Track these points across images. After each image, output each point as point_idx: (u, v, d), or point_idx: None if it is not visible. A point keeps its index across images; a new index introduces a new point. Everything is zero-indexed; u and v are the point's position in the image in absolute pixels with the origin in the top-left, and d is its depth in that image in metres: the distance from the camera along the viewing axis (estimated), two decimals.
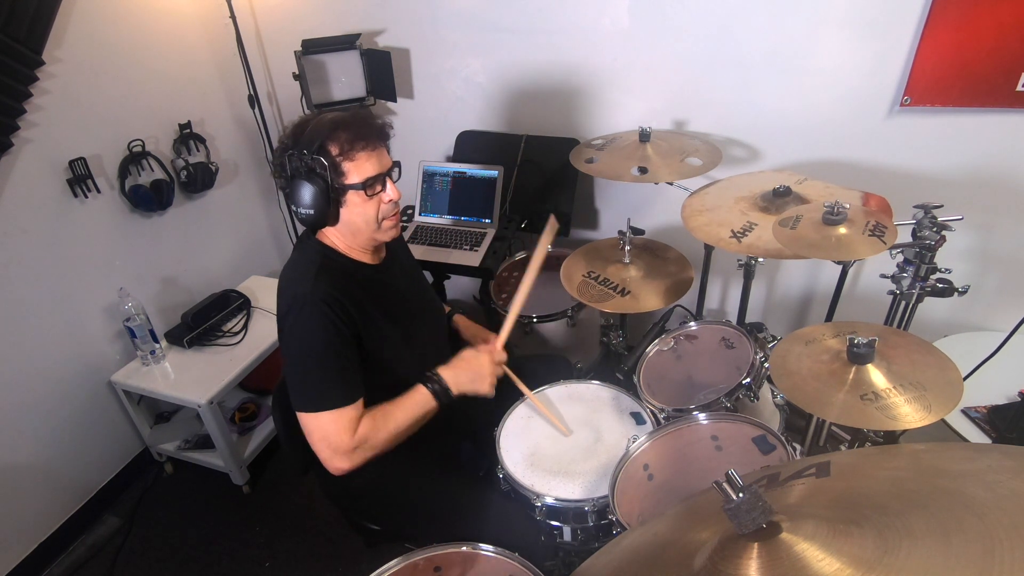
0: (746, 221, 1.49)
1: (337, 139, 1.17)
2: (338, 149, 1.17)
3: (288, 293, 1.22)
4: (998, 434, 1.47)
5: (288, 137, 1.21)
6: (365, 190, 1.20)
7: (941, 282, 1.36)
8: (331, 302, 1.17)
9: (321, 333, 1.17)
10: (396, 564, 1.05)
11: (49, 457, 1.96)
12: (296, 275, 1.24)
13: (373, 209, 1.23)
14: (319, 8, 2.25)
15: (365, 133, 1.19)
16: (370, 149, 1.20)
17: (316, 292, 1.17)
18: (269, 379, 2.29)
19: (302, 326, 1.18)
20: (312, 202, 1.18)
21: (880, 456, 0.80)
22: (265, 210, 2.73)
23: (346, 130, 1.18)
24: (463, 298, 2.71)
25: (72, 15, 1.81)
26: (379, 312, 1.28)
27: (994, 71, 1.57)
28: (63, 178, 1.87)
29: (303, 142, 1.17)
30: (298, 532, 2.04)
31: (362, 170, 1.19)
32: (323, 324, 1.17)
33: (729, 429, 1.27)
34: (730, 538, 0.67)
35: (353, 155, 1.18)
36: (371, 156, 1.20)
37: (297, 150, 1.18)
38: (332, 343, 1.18)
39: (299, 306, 1.18)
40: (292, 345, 1.21)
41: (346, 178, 1.19)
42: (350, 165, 1.18)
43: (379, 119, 1.25)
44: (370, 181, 1.20)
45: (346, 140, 1.17)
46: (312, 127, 1.18)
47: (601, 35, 1.94)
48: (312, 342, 1.18)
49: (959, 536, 0.55)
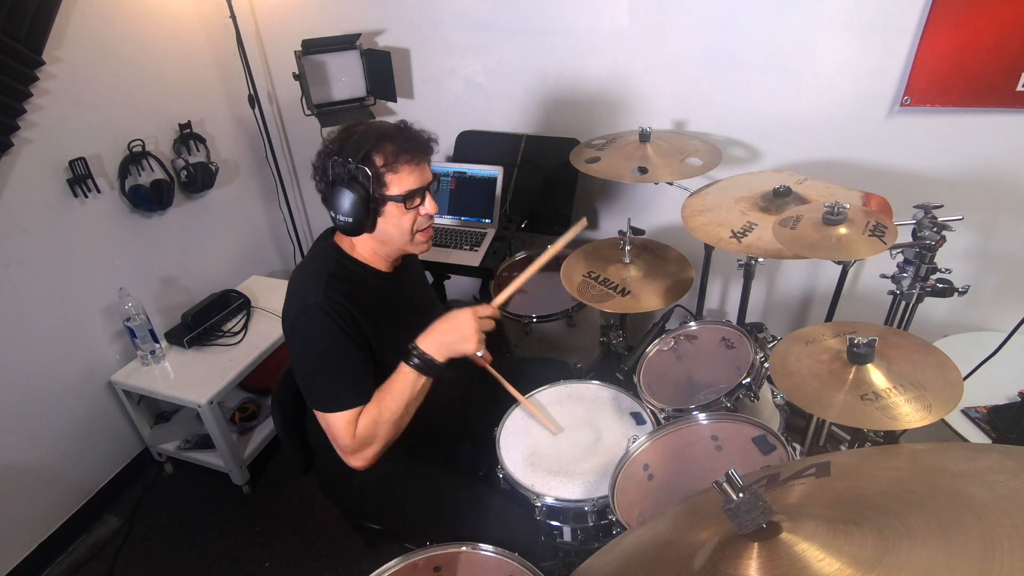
0: (746, 221, 1.49)
1: (383, 150, 1.18)
2: (383, 160, 1.18)
3: (297, 301, 1.24)
4: (998, 434, 1.47)
5: (334, 142, 1.21)
6: (405, 203, 1.21)
7: (941, 282, 1.36)
8: (340, 311, 1.19)
9: (328, 337, 1.19)
10: (396, 564, 1.05)
11: (49, 457, 1.96)
12: (307, 281, 1.25)
13: (409, 221, 1.24)
14: (319, 8, 2.25)
15: (411, 147, 1.20)
16: (414, 164, 1.21)
17: (326, 302, 1.19)
18: (269, 379, 2.29)
19: (311, 332, 1.20)
20: (351, 210, 1.18)
21: (880, 456, 0.81)
22: (265, 210, 2.73)
23: (392, 142, 1.19)
24: (463, 298, 2.71)
25: (72, 15, 1.81)
26: (388, 319, 1.29)
27: (994, 71, 1.57)
28: (63, 178, 1.87)
29: (348, 149, 1.18)
30: (298, 532, 2.03)
31: (404, 183, 1.20)
32: (331, 328, 1.19)
33: (729, 429, 1.27)
34: (730, 538, 0.67)
35: (397, 167, 1.19)
36: (414, 170, 1.21)
37: (342, 156, 1.18)
38: (338, 346, 1.20)
39: (308, 314, 1.19)
40: (302, 349, 1.23)
41: (388, 189, 1.20)
42: (393, 177, 1.19)
43: (426, 134, 1.26)
44: (411, 194, 1.21)
45: (391, 152, 1.18)
46: (359, 135, 1.19)
47: (601, 35, 1.94)
48: (321, 346, 1.20)
49: (959, 536, 0.55)
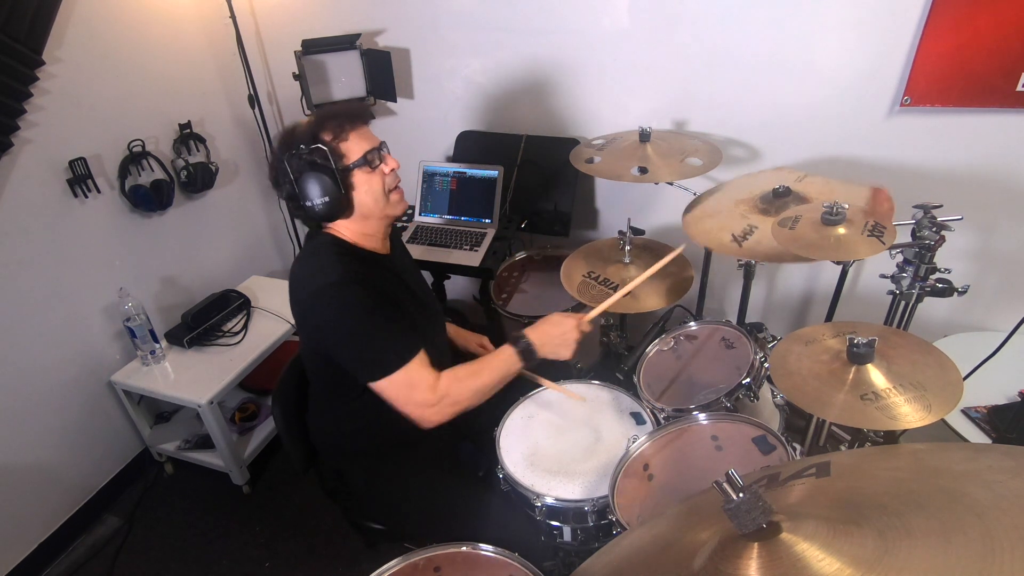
0: (747, 224, 1.49)
1: (327, 127, 1.22)
2: (331, 135, 1.22)
3: (312, 285, 1.22)
4: (998, 434, 1.47)
5: (280, 145, 1.24)
6: (368, 164, 1.24)
7: (941, 282, 1.36)
8: (362, 280, 1.21)
9: (366, 303, 1.20)
10: (396, 564, 1.05)
11: (49, 457, 1.96)
12: (316, 266, 1.25)
13: (379, 183, 1.26)
14: (319, 8, 2.25)
15: (350, 114, 1.26)
16: (360, 129, 1.26)
17: (347, 274, 1.20)
18: (269, 379, 2.29)
19: (342, 306, 1.20)
20: (324, 190, 1.21)
21: (880, 456, 0.80)
22: (265, 210, 2.73)
23: (332, 118, 1.24)
24: (463, 298, 2.71)
25: (72, 15, 1.81)
26: (401, 296, 1.30)
27: (994, 71, 1.57)
28: (63, 178, 1.87)
29: (296, 142, 1.21)
30: (298, 532, 2.03)
31: (358, 147, 1.24)
32: (361, 296, 1.19)
33: (729, 429, 1.27)
34: (730, 538, 0.67)
35: (346, 135, 1.23)
36: (363, 134, 1.26)
37: (294, 149, 1.21)
38: (375, 310, 1.21)
39: (336, 289, 1.19)
40: (342, 323, 1.21)
41: (347, 159, 1.23)
42: (346, 146, 1.23)
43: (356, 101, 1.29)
44: (369, 154, 1.24)
45: (336, 125, 1.23)
46: (300, 128, 1.24)
47: (601, 35, 1.94)
48: (356, 317, 1.20)
49: (959, 536, 0.55)
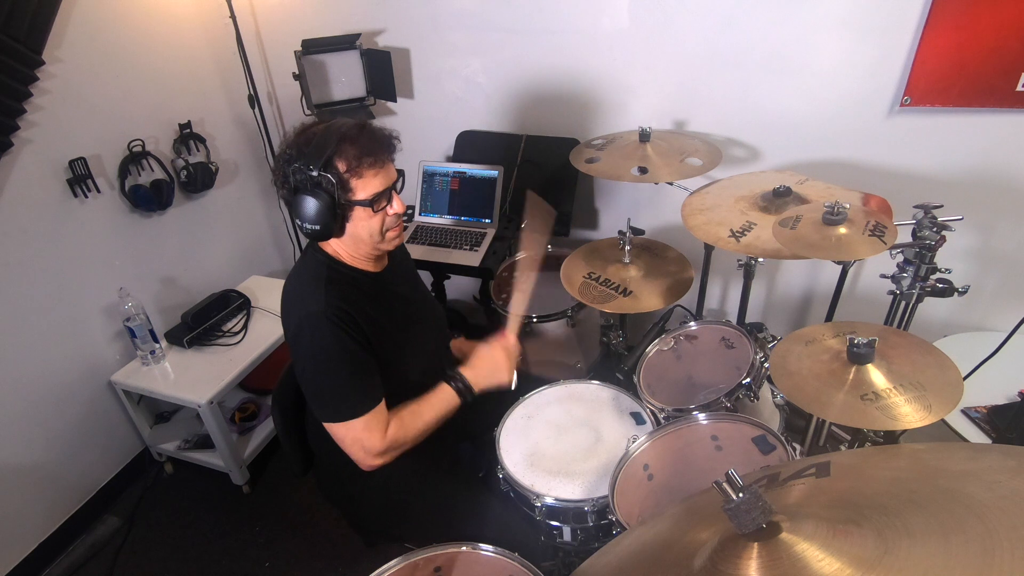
0: (745, 221, 1.49)
1: (344, 155, 1.14)
2: (345, 166, 1.15)
3: (298, 310, 1.21)
4: (998, 434, 1.47)
5: (292, 146, 1.17)
6: (372, 207, 1.19)
7: (941, 282, 1.36)
8: (342, 316, 1.17)
9: (336, 346, 1.17)
10: (396, 564, 1.05)
11: (49, 457, 1.96)
12: (304, 290, 1.24)
13: (378, 223, 1.22)
14: (319, 8, 2.25)
15: (373, 148, 1.17)
16: (378, 166, 1.18)
17: (328, 308, 1.17)
18: (269, 379, 2.29)
19: (316, 343, 1.18)
20: (317, 217, 1.15)
21: (880, 456, 0.80)
22: (265, 210, 2.73)
23: (354, 145, 1.15)
24: (463, 298, 2.71)
25: (72, 15, 1.81)
26: (385, 318, 1.28)
27: (994, 71, 1.57)
28: (63, 178, 1.86)
29: (309, 155, 1.14)
30: (298, 532, 2.03)
31: (370, 187, 1.17)
32: (336, 336, 1.17)
33: (729, 429, 1.27)
34: (730, 538, 0.67)
35: (361, 171, 1.15)
36: (378, 172, 1.18)
37: (303, 163, 1.14)
38: (347, 353, 1.18)
39: (311, 324, 1.17)
40: (309, 362, 1.20)
41: (353, 195, 1.17)
42: (358, 182, 1.16)
43: (386, 131, 1.23)
44: (378, 197, 1.18)
45: (354, 156, 1.15)
46: (319, 138, 1.15)
47: (601, 35, 1.94)
48: (329, 356, 1.18)
49: (959, 536, 0.55)
